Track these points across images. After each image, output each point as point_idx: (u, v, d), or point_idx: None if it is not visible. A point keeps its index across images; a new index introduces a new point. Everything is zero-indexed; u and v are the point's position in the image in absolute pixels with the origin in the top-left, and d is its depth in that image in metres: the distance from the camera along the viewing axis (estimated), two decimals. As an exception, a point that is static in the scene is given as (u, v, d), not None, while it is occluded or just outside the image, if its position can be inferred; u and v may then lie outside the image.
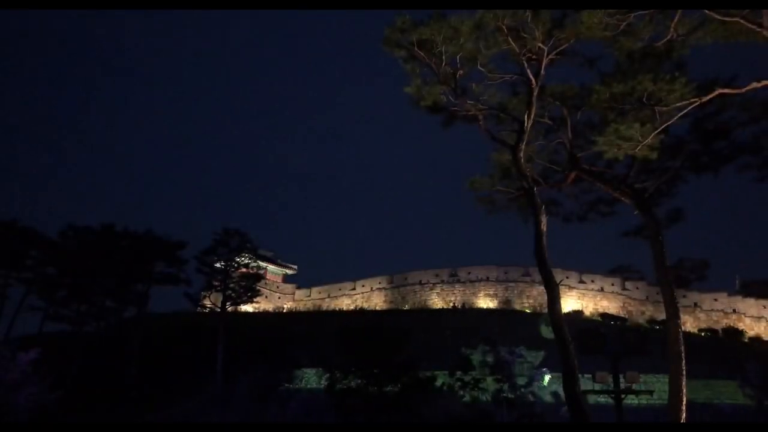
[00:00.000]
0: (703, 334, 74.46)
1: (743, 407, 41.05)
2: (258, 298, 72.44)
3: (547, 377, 39.83)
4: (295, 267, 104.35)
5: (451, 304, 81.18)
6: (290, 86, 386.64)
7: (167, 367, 59.26)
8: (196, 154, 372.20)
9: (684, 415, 21.77)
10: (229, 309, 64.78)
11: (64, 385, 45.17)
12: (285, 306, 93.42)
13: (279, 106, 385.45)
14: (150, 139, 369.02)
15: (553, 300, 20.99)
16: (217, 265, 65.50)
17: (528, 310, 76.48)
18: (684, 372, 22.31)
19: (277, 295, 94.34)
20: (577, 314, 75.14)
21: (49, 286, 65.04)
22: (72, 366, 55.26)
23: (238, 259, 66.08)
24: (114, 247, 65.12)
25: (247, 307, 78.42)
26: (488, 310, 77.54)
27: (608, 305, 79.75)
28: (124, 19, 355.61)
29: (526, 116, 22.92)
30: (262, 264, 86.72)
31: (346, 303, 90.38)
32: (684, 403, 21.79)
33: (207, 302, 66.18)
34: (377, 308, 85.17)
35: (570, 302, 78.01)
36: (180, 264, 69.31)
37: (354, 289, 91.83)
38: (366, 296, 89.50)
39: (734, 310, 78.97)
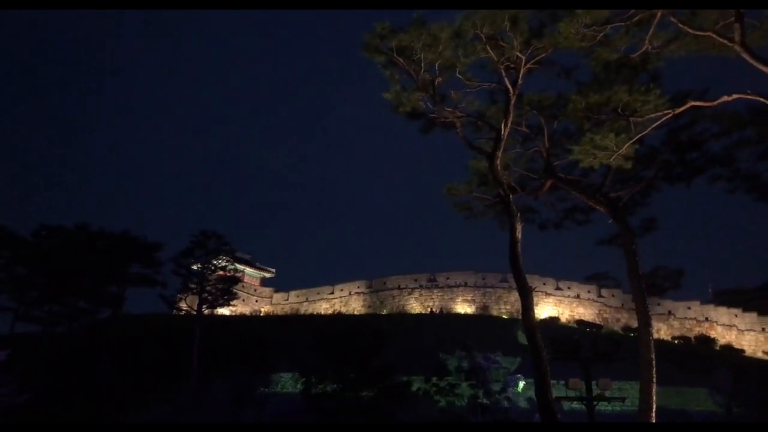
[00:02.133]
0: (676, 341, 75.54)
1: (713, 414, 41.69)
2: (235, 302, 71.98)
3: (521, 383, 40.10)
4: (273, 270, 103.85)
5: (430, 310, 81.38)
6: (271, 88, 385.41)
7: (142, 370, 58.50)
8: (174, 155, 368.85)
9: (654, 421, 22.06)
10: (206, 312, 64.16)
11: (35, 387, 44.39)
12: (262, 309, 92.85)
13: (258, 107, 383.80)
14: (128, 140, 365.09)
15: (527, 307, 21.17)
16: (194, 267, 64.84)
17: (505, 316, 76.94)
18: (654, 379, 22.63)
19: (254, 298, 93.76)
20: (554, 321, 75.79)
21: (20, 287, 63.94)
22: (43, 367, 54.34)
23: (215, 262, 65.42)
24: (89, 248, 64.21)
25: (224, 310, 77.81)
26: (466, 316, 77.86)
27: (584, 312, 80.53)
28: (105, 20, 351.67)
29: (503, 124, 23.13)
30: (240, 267, 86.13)
31: (324, 307, 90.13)
32: (654, 409, 22.10)
33: (183, 305, 65.46)
34: (355, 313, 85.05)
35: (547, 309, 78.66)
36: (156, 265, 68.60)
37: (332, 293, 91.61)
38: (344, 300, 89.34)
39: (707, 319, 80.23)
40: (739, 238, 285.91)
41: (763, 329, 79.33)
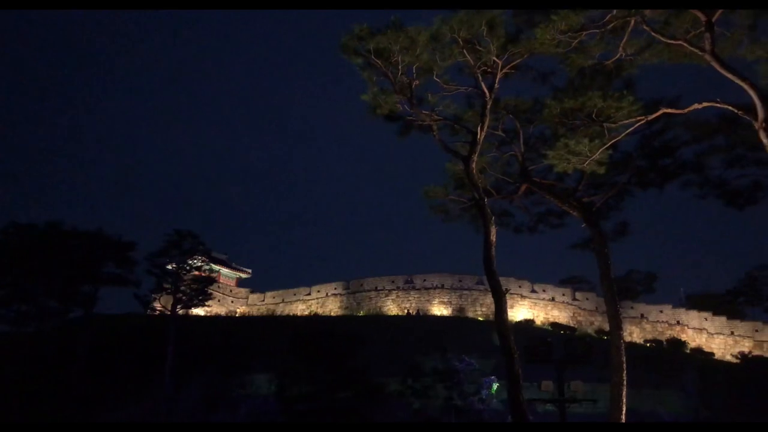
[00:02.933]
0: (648, 344, 76.66)
1: (682, 417, 42.39)
2: (210, 302, 71.21)
3: (495, 385, 40.36)
4: (250, 271, 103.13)
5: (406, 311, 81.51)
6: (247, 87, 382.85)
7: (114, 370, 57.67)
8: (150, 155, 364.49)
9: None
10: (180, 312, 63.41)
11: (1, 387, 43.51)
12: (238, 310, 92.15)
13: (235, 107, 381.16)
14: (102, 140, 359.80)
15: (500, 309, 21.33)
16: (169, 266, 64.09)
17: (481, 318, 77.36)
18: (624, 382, 22.93)
19: (230, 299, 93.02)
20: (529, 323, 76.42)
21: (-14, 286, 62.42)
22: (11, 367, 53.23)
23: (190, 262, 64.69)
24: (60, 246, 63.02)
25: (199, 311, 77.04)
26: (442, 318, 78.14)
27: (559, 315, 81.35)
28: (82, 18, 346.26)
29: (479, 128, 23.28)
30: (215, 267, 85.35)
31: (300, 308, 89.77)
32: (623, 412, 22.39)
33: (157, 305, 64.69)
34: (332, 314, 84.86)
35: (522, 311, 79.31)
36: (130, 265, 67.45)
37: (309, 294, 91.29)
38: (321, 302, 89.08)
39: (678, 322, 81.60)
40: (710, 243, 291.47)
41: (732, 333, 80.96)
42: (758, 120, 15.99)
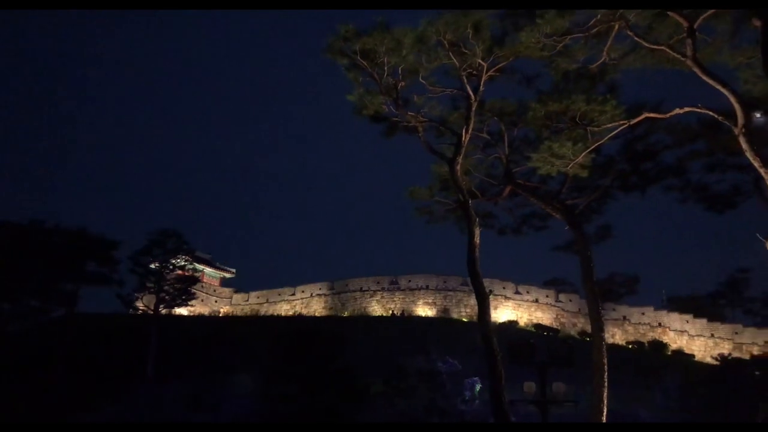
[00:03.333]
0: (630, 346, 77.37)
1: (663, 417, 42.85)
2: (193, 302, 70.88)
3: (478, 386, 40.56)
4: (234, 270, 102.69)
5: (391, 312, 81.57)
6: (232, 86, 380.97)
7: (96, 370, 57.16)
8: (134, 154, 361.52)
9: (604, 425, 22.58)
10: (163, 311, 63.09)
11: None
12: (221, 310, 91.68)
13: (218, 105, 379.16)
14: (86, 138, 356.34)
15: (483, 311, 21.46)
16: (152, 266, 63.71)
17: (465, 319, 77.60)
18: (606, 384, 23.16)
19: (213, 298, 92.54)
20: (512, 324, 76.82)
21: (-34, 284, 61.59)
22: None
23: (173, 261, 64.39)
24: (42, 245, 62.36)
25: (182, 310, 76.60)
26: (427, 319, 78.31)
27: (542, 316, 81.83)
28: (65, 17, 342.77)
29: (464, 130, 23.40)
30: (199, 266, 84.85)
31: (284, 309, 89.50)
32: (604, 413, 22.61)
33: (140, 304, 64.25)
34: (316, 314, 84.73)
35: (506, 312, 79.69)
36: (113, 264, 66.89)
37: (293, 294, 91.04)
38: (305, 302, 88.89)
39: (660, 324, 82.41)
40: (692, 246, 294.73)
41: (712, 335, 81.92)
42: (738, 125, 16.23)
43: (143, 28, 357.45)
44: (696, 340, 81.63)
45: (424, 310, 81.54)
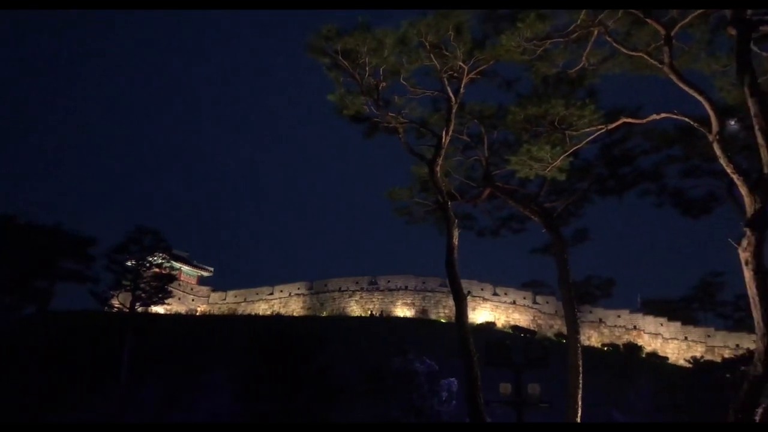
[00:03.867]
0: (606, 348, 78.27)
1: (637, 418, 43.45)
2: (170, 300, 70.19)
3: (455, 387, 40.69)
4: (211, 269, 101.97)
5: (370, 312, 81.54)
6: (210, 84, 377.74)
7: (69, 369, 56.25)
8: (113, 151, 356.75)
9: (578, 426, 22.80)
10: (139, 309, 62.28)
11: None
12: (198, 309, 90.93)
13: (197, 103, 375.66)
14: (65, 135, 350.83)
15: (461, 312, 21.53)
16: (128, 263, 62.91)
17: (443, 320, 77.88)
18: (580, 385, 23.38)
19: (190, 297, 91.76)
20: (490, 325, 77.30)
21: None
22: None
23: (150, 259, 63.61)
24: (15, 241, 61.24)
25: (158, 309, 75.77)
26: (405, 319, 78.45)
27: (520, 318, 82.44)
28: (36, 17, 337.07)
29: (444, 132, 23.45)
30: (176, 264, 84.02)
31: (262, 308, 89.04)
32: (579, 415, 22.83)
33: (115, 302, 63.41)
34: (295, 314, 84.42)
35: (484, 314, 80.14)
36: (88, 261, 65.92)
37: (272, 294, 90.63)
38: (284, 302, 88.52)
39: (635, 327, 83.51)
40: (667, 250, 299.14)
41: (686, 338, 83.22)
42: (712, 132, 16.45)
43: (125, 27, 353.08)
44: (670, 342, 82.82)
45: (402, 310, 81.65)
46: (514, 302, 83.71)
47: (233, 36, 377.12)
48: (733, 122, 22.07)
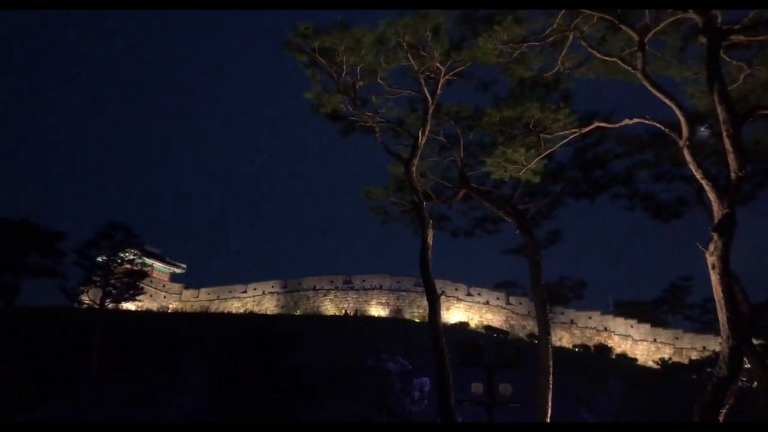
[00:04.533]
0: (577, 349, 79.24)
1: (606, 418, 44.06)
2: (141, 297, 69.17)
3: (427, 386, 40.87)
4: (184, 266, 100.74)
5: (344, 312, 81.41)
6: (183, 82, 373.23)
7: (37, 366, 55.16)
8: (84, 146, 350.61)
9: (548, 426, 23.07)
10: (109, 306, 61.37)
11: None
12: (170, 306, 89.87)
13: (171, 101, 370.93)
14: (33, 130, 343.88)
15: (434, 313, 21.63)
16: (99, 259, 61.93)
17: (417, 320, 78.05)
18: (551, 385, 23.66)
19: (162, 294, 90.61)
20: (463, 326, 77.69)
21: None
22: None
23: (121, 254, 62.68)
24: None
25: (129, 305, 74.77)
26: (379, 319, 78.46)
27: (493, 318, 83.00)
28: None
29: (420, 132, 23.54)
30: (148, 261, 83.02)
31: (236, 306, 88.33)
32: (549, 415, 23.10)
33: (85, 298, 62.37)
34: (268, 312, 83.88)
35: (457, 314, 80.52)
36: (57, 256, 64.77)
37: (245, 292, 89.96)
38: (257, 300, 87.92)
39: (606, 328, 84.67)
40: (638, 253, 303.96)
41: (655, 340, 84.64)
42: (683, 138, 16.77)
43: (100, 23, 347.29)
44: (639, 344, 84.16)
45: (377, 310, 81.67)
46: (487, 302, 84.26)
47: (215, 36, 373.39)
48: (703, 128, 22.54)
